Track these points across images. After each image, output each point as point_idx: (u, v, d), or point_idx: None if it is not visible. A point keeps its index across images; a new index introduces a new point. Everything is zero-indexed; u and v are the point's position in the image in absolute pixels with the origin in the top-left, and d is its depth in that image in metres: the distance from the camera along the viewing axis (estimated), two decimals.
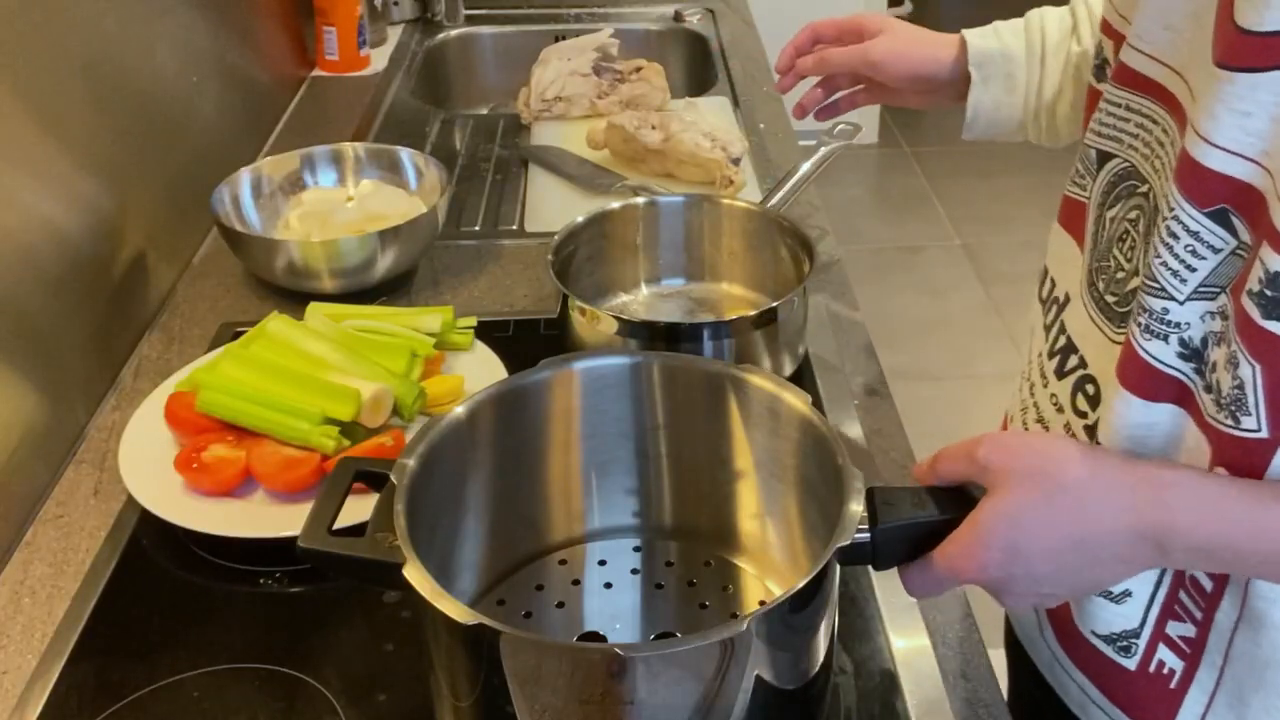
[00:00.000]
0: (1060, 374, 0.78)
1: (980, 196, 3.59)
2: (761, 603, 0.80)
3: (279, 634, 0.81)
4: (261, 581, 0.85)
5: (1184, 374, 0.65)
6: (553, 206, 1.40)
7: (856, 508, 0.65)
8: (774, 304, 1.00)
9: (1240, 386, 0.61)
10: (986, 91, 1.01)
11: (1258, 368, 0.60)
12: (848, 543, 0.63)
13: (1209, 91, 0.60)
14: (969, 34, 1.02)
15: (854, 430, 1.01)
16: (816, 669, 0.68)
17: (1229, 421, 0.62)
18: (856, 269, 1.34)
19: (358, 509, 0.69)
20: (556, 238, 1.07)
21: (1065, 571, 0.64)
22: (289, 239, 1.19)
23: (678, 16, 1.99)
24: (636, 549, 0.84)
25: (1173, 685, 0.73)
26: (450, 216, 1.33)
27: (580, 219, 1.10)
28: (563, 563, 0.83)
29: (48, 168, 1.03)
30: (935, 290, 3.17)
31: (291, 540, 0.83)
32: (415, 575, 0.61)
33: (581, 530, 0.84)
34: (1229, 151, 0.60)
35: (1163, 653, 0.73)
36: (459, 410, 0.74)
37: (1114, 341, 0.72)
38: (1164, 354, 0.65)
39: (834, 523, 0.64)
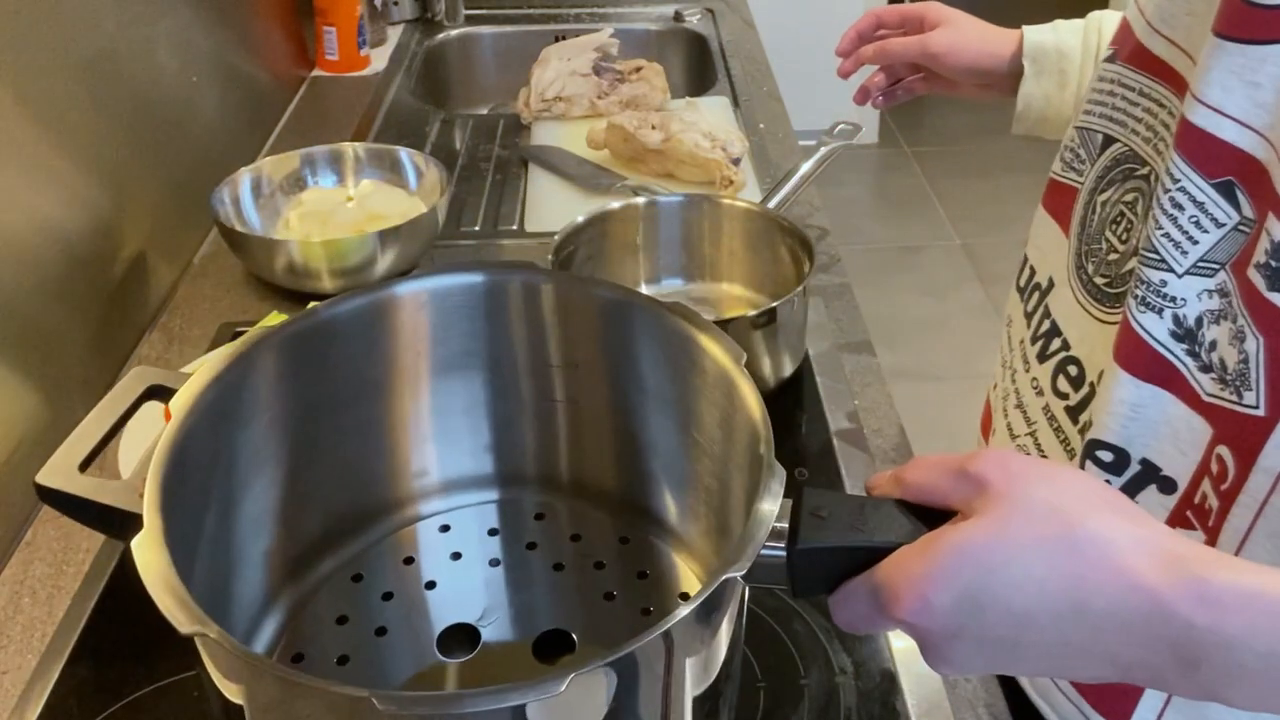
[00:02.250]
0: (1042, 358, 0.78)
1: (980, 196, 3.59)
2: (684, 596, 0.66)
3: None
4: None
5: (1174, 355, 0.64)
6: (553, 206, 1.40)
7: (761, 525, 0.49)
8: (774, 304, 1.00)
9: (1245, 360, 0.59)
10: (1039, 85, 1.01)
11: (1262, 341, 0.58)
12: (739, 574, 0.47)
13: (1217, 64, 0.60)
14: (1028, 29, 1.02)
15: (853, 430, 1.01)
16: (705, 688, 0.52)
17: (1232, 397, 0.61)
18: (856, 269, 1.34)
19: None
20: (556, 238, 1.07)
21: (1031, 649, 0.48)
22: (289, 239, 1.19)
23: (678, 16, 1.99)
24: (538, 516, 0.70)
25: None
26: (450, 216, 1.33)
27: (580, 219, 1.10)
28: (444, 528, 0.69)
29: (48, 168, 1.03)
30: (935, 290, 3.17)
31: None
32: (144, 550, 0.46)
33: (459, 490, 0.70)
34: (1239, 122, 0.60)
35: None
36: (266, 336, 0.60)
37: (1104, 322, 0.71)
38: (1156, 329, 0.64)
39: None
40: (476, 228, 1.37)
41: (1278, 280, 0.57)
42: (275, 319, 1.03)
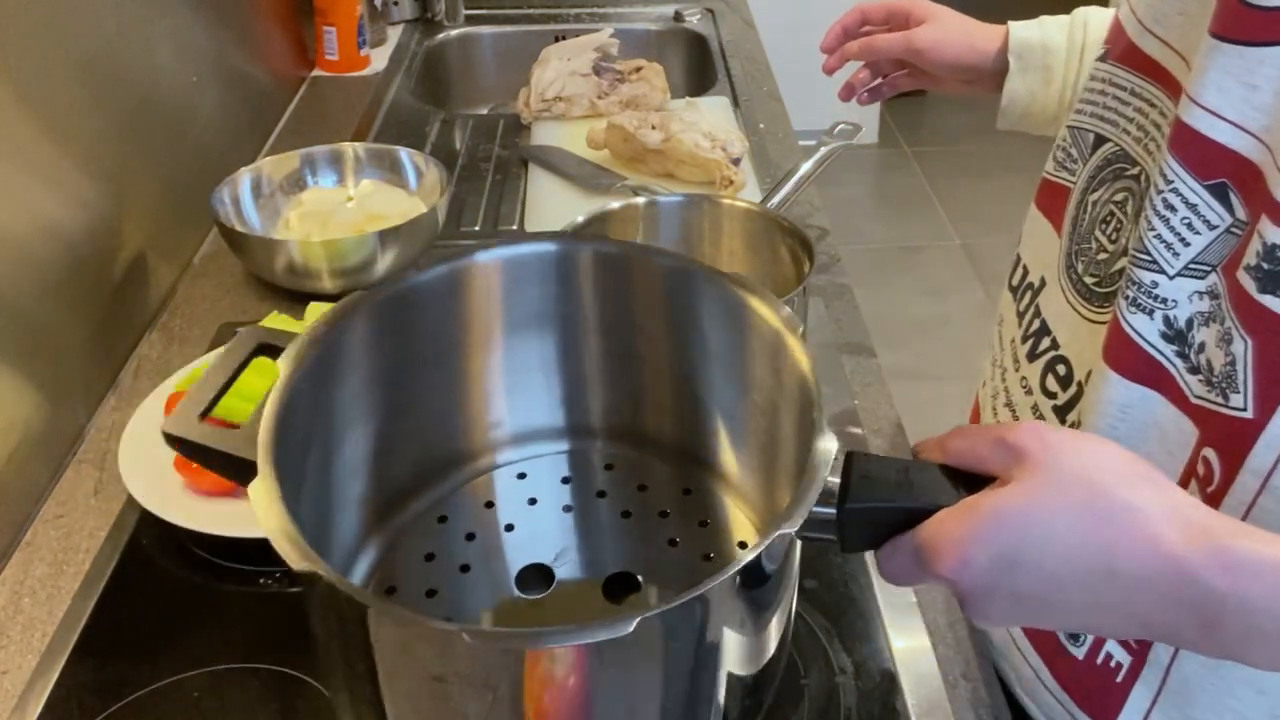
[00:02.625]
0: (1032, 357, 0.78)
1: (980, 196, 3.59)
2: (742, 544, 0.70)
3: (279, 634, 0.81)
4: (261, 581, 0.85)
5: (1164, 356, 0.64)
6: (553, 206, 1.40)
7: (814, 484, 0.53)
8: None
9: (1232, 363, 0.59)
10: (1023, 81, 1.02)
11: (1249, 342, 0.58)
12: (792, 530, 0.51)
13: (1214, 65, 0.60)
14: (1014, 25, 1.03)
15: (853, 429, 1.01)
16: (761, 664, 0.58)
17: (1218, 399, 0.61)
18: (856, 269, 1.34)
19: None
20: None
21: (1061, 607, 0.52)
22: (289, 239, 1.19)
23: (678, 16, 1.99)
24: (608, 467, 0.75)
25: (1119, 679, 0.72)
26: (450, 216, 1.33)
27: (580, 219, 1.10)
28: (521, 476, 0.74)
29: (48, 168, 1.03)
30: (935, 290, 3.17)
31: None
32: (260, 495, 0.51)
33: (541, 437, 0.75)
34: (1235, 125, 0.59)
35: (1110, 645, 0.72)
36: (361, 300, 0.65)
37: (1093, 322, 0.71)
38: (1147, 330, 0.65)
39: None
40: (476, 228, 1.37)
41: (1268, 283, 0.57)
42: (275, 319, 1.03)
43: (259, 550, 0.84)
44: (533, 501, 0.73)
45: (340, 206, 1.27)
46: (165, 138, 1.27)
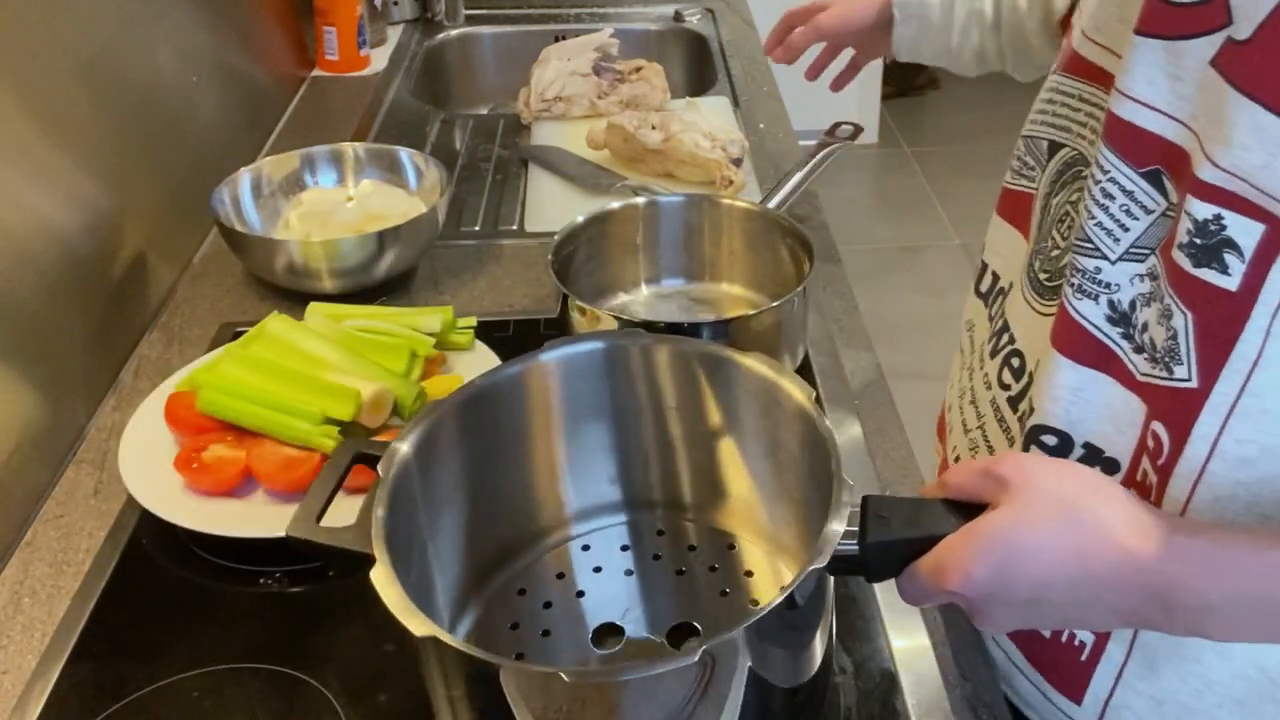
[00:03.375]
0: (993, 354, 0.82)
1: (980, 196, 3.57)
2: (784, 588, 0.79)
3: (279, 634, 0.81)
4: (261, 581, 0.85)
5: (1111, 339, 0.69)
6: (553, 206, 1.40)
7: (838, 527, 0.62)
8: (774, 304, 1.00)
9: (1174, 337, 0.64)
10: (907, 28, 1.18)
11: (1189, 316, 0.63)
12: (822, 565, 0.60)
13: (1141, 60, 0.64)
14: None
15: (854, 430, 1.01)
16: (809, 677, 0.67)
17: (1163, 374, 0.65)
18: (856, 269, 1.34)
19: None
20: (556, 238, 1.07)
21: (1051, 606, 0.60)
22: (289, 239, 1.19)
23: (678, 16, 1.99)
24: (660, 533, 0.84)
25: (1083, 658, 0.75)
26: (450, 216, 1.33)
27: (580, 219, 1.10)
28: (585, 548, 0.83)
29: (48, 168, 1.03)
30: (935, 290, 3.17)
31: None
32: (381, 580, 0.61)
33: (598, 513, 0.84)
34: (1163, 113, 0.64)
35: None
36: (444, 403, 0.74)
37: (1042, 314, 0.76)
38: (1093, 314, 0.69)
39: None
40: (476, 228, 1.37)
41: (1202, 257, 0.61)
42: (275, 319, 1.03)
43: (259, 550, 0.85)
44: (598, 569, 0.82)
45: (340, 206, 1.27)
46: (165, 138, 1.27)
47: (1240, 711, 0.71)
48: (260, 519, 0.87)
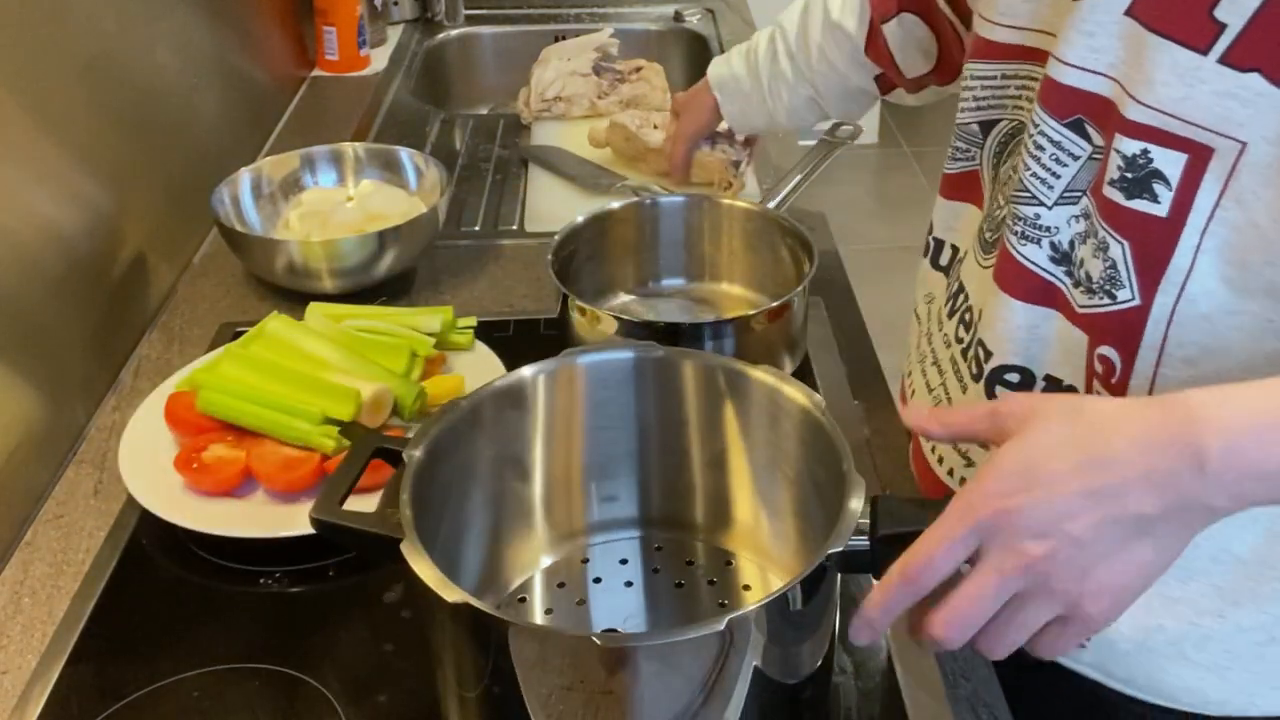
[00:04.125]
0: (951, 314, 0.88)
1: None
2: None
3: (279, 634, 0.81)
4: (261, 581, 0.85)
5: (1055, 277, 0.75)
6: (553, 206, 1.40)
7: (855, 507, 0.63)
8: (774, 304, 1.00)
9: (1113, 266, 0.70)
10: (732, 105, 1.27)
11: (1126, 245, 0.69)
12: (840, 549, 0.62)
13: (1061, 22, 0.71)
14: (711, 67, 1.28)
15: (854, 430, 1.01)
16: (811, 671, 0.68)
17: (1105, 301, 0.71)
18: (856, 269, 1.34)
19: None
20: (556, 238, 1.07)
21: (1090, 497, 0.58)
22: (289, 239, 1.19)
23: (678, 16, 1.99)
24: (658, 548, 0.84)
25: None
26: (450, 216, 1.33)
27: (580, 219, 1.10)
28: (585, 561, 0.83)
29: (48, 168, 1.03)
30: None
31: (292, 540, 0.84)
32: (411, 552, 0.62)
33: (599, 528, 0.84)
34: (1080, 68, 0.70)
35: None
36: (465, 401, 0.75)
37: (984, 268, 0.81)
38: (1037, 256, 0.75)
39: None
40: (476, 228, 1.37)
41: (1134, 189, 0.67)
42: (275, 319, 1.03)
43: (259, 550, 0.85)
44: (598, 580, 0.82)
45: (340, 206, 1.27)
46: (165, 138, 1.27)
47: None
48: (260, 519, 0.87)
